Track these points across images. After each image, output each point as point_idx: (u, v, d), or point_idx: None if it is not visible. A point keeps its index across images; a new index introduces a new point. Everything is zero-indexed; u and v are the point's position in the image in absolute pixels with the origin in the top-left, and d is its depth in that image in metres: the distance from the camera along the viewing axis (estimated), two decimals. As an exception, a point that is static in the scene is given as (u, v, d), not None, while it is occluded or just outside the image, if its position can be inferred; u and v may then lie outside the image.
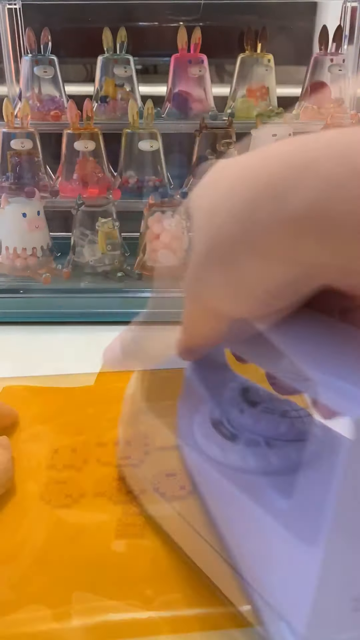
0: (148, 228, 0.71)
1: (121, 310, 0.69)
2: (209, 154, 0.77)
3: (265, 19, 0.86)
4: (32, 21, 0.84)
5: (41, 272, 0.70)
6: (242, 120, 0.80)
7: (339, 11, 0.84)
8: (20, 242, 0.70)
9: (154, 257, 0.72)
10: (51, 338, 0.64)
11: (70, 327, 0.67)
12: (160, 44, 0.94)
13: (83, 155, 0.76)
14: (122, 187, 0.76)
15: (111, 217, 0.71)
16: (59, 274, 0.71)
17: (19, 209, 0.69)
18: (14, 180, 0.75)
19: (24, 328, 0.69)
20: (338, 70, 0.80)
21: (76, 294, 0.70)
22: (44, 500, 0.38)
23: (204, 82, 0.81)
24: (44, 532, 0.36)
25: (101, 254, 0.72)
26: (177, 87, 0.81)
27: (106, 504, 0.38)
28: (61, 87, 0.82)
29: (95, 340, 0.37)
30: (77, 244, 0.72)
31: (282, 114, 0.79)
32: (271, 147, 0.24)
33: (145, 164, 0.77)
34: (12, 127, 0.74)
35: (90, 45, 0.82)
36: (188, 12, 0.87)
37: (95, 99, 0.82)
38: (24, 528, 0.36)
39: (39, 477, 0.40)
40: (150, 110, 0.74)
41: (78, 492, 0.39)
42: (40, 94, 0.81)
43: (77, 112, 0.74)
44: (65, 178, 0.77)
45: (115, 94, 0.81)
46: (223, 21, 0.91)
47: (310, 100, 0.83)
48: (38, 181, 0.77)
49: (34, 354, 0.63)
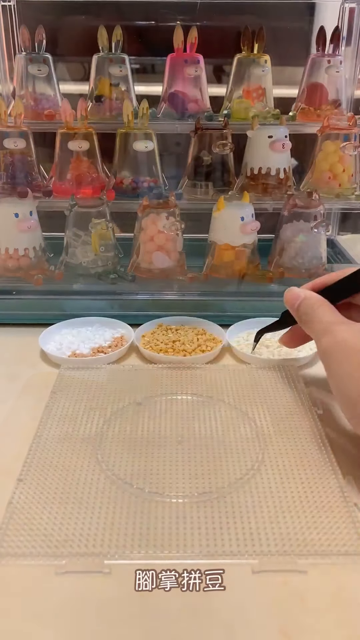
0: (142, 229, 0.70)
1: (114, 312, 0.68)
2: (204, 155, 0.76)
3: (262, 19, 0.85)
4: (26, 19, 0.83)
5: (34, 273, 0.70)
6: (238, 121, 0.79)
7: (337, 12, 0.83)
8: (12, 242, 0.69)
9: (148, 258, 0.71)
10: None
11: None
12: (156, 43, 0.94)
13: (77, 155, 0.75)
14: (116, 188, 0.76)
15: (105, 218, 0.70)
16: (51, 275, 0.70)
17: (11, 209, 0.68)
18: (7, 180, 0.75)
19: (17, 330, 0.68)
20: (335, 72, 0.80)
21: (69, 295, 0.69)
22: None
23: (200, 82, 0.80)
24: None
25: (94, 255, 0.71)
26: (172, 87, 0.80)
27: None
28: (55, 86, 0.81)
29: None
30: (70, 245, 0.71)
31: (279, 115, 0.79)
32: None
33: (140, 164, 0.76)
34: (5, 125, 0.73)
35: (86, 44, 0.82)
36: (184, 12, 0.86)
37: (90, 98, 0.81)
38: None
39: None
40: (145, 111, 0.73)
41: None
42: (34, 92, 0.80)
43: (71, 111, 0.73)
44: (58, 178, 0.76)
45: (111, 93, 0.80)
46: (220, 21, 0.90)
47: (307, 101, 0.82)
48: (31, 181, 0.76)
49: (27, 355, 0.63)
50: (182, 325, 0.67)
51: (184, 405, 0.53)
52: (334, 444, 0.48)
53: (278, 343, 0.59)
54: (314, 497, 0.42)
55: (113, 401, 0.54)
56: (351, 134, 0.76)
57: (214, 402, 0.54)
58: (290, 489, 0.43)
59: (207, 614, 0.34)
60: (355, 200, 0.78)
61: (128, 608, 0.34)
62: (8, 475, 0.44)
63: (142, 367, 0.60)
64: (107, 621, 0.34)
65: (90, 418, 0.51)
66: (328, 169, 0.78)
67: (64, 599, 0.35)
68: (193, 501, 0.41)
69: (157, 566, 0.36)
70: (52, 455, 0.46)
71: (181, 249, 0.72)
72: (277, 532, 0.39)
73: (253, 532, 0.39)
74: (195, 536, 0.38)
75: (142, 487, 0.43)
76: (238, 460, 0.46)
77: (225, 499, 0.42)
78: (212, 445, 0.48)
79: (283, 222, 0.73)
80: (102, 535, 0.38)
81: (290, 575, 0.36)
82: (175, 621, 0.33)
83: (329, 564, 0.37)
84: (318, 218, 0.71)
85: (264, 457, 0.46)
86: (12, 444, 0.49)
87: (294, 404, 0.53)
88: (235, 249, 0.70)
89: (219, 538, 0.38)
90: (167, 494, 0.42)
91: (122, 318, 0.67)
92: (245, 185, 0.77)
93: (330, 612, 0.34)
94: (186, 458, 0.46)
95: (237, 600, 0.35)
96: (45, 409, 0.52)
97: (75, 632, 0.33)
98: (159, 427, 0.50)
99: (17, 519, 0.40)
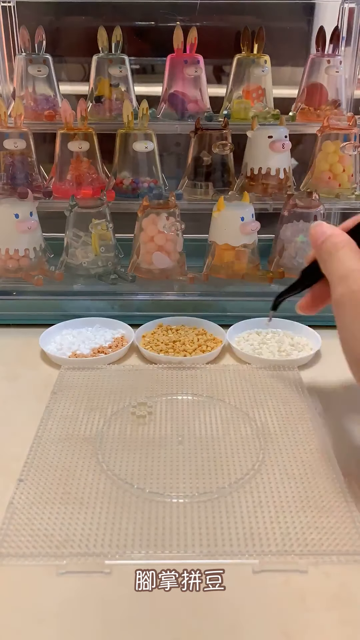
0: (142, 230, 0.70)
1: (114, 312, 0.68)
2: (204, 155, 0.76)
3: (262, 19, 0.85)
4: (26, 19, 0.83)
5: (34, 273, 0.70)
6: (238, 122, 0.79)
7: (336, 12, 0.83)
8: (12, 243, 0.69)
9: (148, 259, 0.71)
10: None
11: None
12: (156, 43, 0.94)
13: (77, 155, 0.75)
14: (116, 188, 0.76)
15: (105, 219, 0.70)
16: (52, 276, 0.70)
17: (12, 209, 0.68)
18: (7, 180, 0.75)
19: (17, 330, 0.68)
20: (335, 72, 0.80)
21: (69, 296, 0.69)
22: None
23: (200, 82, 0.80)
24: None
25: (94, 255, 0.71)
26: (172, 88, 0.80)
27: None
28: (55, 87, 0.81)
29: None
30: (71, 246, 0.71)
31: (279, 115, 0.79)
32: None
33: (140, 165, 0.76)
34: (5, 126, 0.73)
35: (86, 45, 0.82)
36: (184, 12, 0.86)
37: (90, 98, 0.81)
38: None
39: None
40: (145, 111, 0.73)
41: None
42: (34, 93, 0.80)
43: (71, 112, 0.73)
44: (58, 179, 0.76)
45: (110, 94, 0.80)
46: (219, 21, 0.90)
47: (306, 101, 0.82)
48: (31, 182, 0.76)
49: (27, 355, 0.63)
50: (182, 325, 0.67)
51: (184, 405, 0.53)
52: (334, 443, 0.48)
53: (299, 308, 0.52)
54: (314, 497, 0.42)
55: (113, 401, 0.54)
56: (351, 134, 0.76)
57: (214, 402, 0.54)
58: (290, 489, 0.43)
59: (207, 614, 0.34)
60: (355, 200, 0.78)
61: (128, 608, 0.34)
62: (8, 476, 0.44)
63: (142, 367, 0.60)
64: (108, 621, 0.34)
65: (91, 418, 0.51)
66: (328, 169, 0.78)
67: (64, 599, 0.35)
68: (193, 501, 0.41)
69: (157, 566, 0.36)
70: (53, 455, 0.46)
71: (181, 249, 0.72)
72: (277, 532, 0.39)
73: (253, 532, 0.39)
74: (196, 536, 0.38)
75: (142, 487, 0.43)
76: (238, 460, 0.46)
77: (226, 499, 0.42)
78: (212, 445, 0.48)
79: (283, 222, 0.73)
80: (102, 536, 0.38)
81: (290, 575, 0.36)
82: (175, 621, 0.34)
83: (330, 564, 0.37)
84: (318, 218, 0.71)
85: (264, 457, 0.46)
86: (12, 444, 0.49)
87: (294, 404, 0.53)
88: (235, 249, 0.70)
89: (219, 538, 0.38)
90: (168, 494, 0.42)
91: (123, 318, 0.67)
92: (245, 186, 0.77)
93: (330, 612, 0.34)
94: (186, 458, 0.46)
95: (237, 600, 0.35)
96: (46, 410, 0.52)
97: (75, 632, 0.33)
98: (159, 427, 0.50)
99: (18, 520, 0.40)
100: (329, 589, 0.36)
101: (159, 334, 0.65)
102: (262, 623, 0.34)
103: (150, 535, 0.39)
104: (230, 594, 0.35)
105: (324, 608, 0.34)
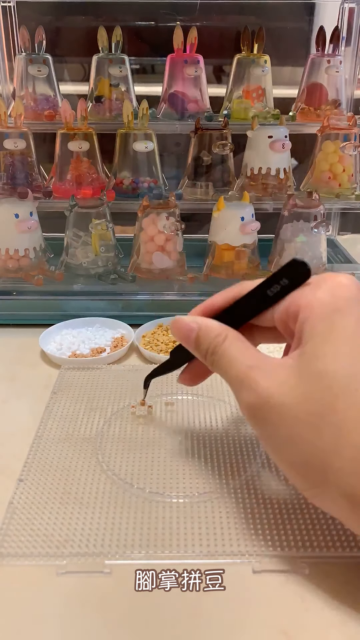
0: (142, 230, 0.70)
1: (114, 312, 0.68)
2: (204, 155, 0.76)
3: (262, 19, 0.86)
4: (26, 19, 0.83)
5: (34, 273, 0.70)
6: (238, 122, 0.79)
7: (337, 12, 0.83)
8: (12, 243, 0.69)
9: (148, 259, 0.71)
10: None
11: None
12: (156, 43, 0.94)
13: (77, 155, 0.75)
14: (116, 188, 0.76)
15: (105, 219, 0.70)
16: (52, 276, 0.70)
17: (12, 209, 0.68)
18: (7, 180, 0.75)
19: (17, 330, 0.68)
20: (335, 72, 0.80)
21: (69, 296, 0.70)
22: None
23: (200, 82, 0.80)
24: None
25: (94, 255, 0.71)
26: (172, 88, 0.80)
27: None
28: (55, 87, 0.82)
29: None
30: (71, 246, 0.71)
31: (279, 115, 0.79)
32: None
33: (140, 164, 0.76)
34: (5, 126, 0.73)
35: (86, 44, 0.82)
36: (184, 12, 0.86)
37: (90, 98, 0.81)
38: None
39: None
40: (145, 111, 0.73)
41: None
42: (34, 93, 0.80)
43: (71, 112, 0.73)
44: (58, 178, 0.76)
45: (110, 93, 0.80)
46: (219, 21, 0.91)
47: (306, 101, 0.82)
48: (31, 181, 0.76)
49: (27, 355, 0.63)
50: (182, 325, 0.67)
51: (184, 405, 0.53)
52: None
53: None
54: (314, 497, 0.42)
55: (113, 401, 0.54)
56: (351, 134, 0.76)
57: (214, 402, 0.54)
58: (290, 489, 0.43)
59: (207, 614, 0.34)
60: (355, 200, 0.78)
61: (128, 608, 0.34)
62: (8, 476, 0.44)
63: (142, 367, 0.60)
64: (108, 621, 0.34)
65: (91, 418, 0.51)
66: (328, 169, 0.78)
67: (64, 599, 0.35)
68: (193, 501, 0.41)
69: (157, 566, 0.36)
70: (53, 455, 0.46)
71: (181, 249, 0.72)
72: (277, 532, 0.39)
73: (253, 532, 0.39)
74: (196, 536, 0.38)
75: (142, 487, 0.43)
76: (238, 460, 0.46)
77: (225, 499, 0.42)
78: (212, 445, 0.48)
79: (283, 222, 0.73)
80: (102, 536, 0.38)
81: (290, 575, 0.36)
82: (175, 621, 0.34)
83: (330, 564, 0.37)
84: (318, 218, 0.71)
85: (264, 457, 0.46)
86: (12, 444, 0.49)
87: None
88: (235, 249, 0.71)
89: (219, 538, 0.38)
90: (168, 494, 0.42)
91: (122, 318, 0.67)
92: (245, 186, 0.77)
93: (330, 612, 0.34)
94: (186, 458, 0.46)
95: (237, 600, 0.35)
96: (46, 410, 0.52)
97: (75, 631, 0.33)
98: (159, 427, 0.50)
99: (18, 520, 0.40)
100: (329, 589, 0.36)
101: (159, 334, 0.65)
102: (262, 623, 0.34)
103: (150, 535, 0.39)
104: (230, 594, 0.35)
105: (323, 608, 0.34)
